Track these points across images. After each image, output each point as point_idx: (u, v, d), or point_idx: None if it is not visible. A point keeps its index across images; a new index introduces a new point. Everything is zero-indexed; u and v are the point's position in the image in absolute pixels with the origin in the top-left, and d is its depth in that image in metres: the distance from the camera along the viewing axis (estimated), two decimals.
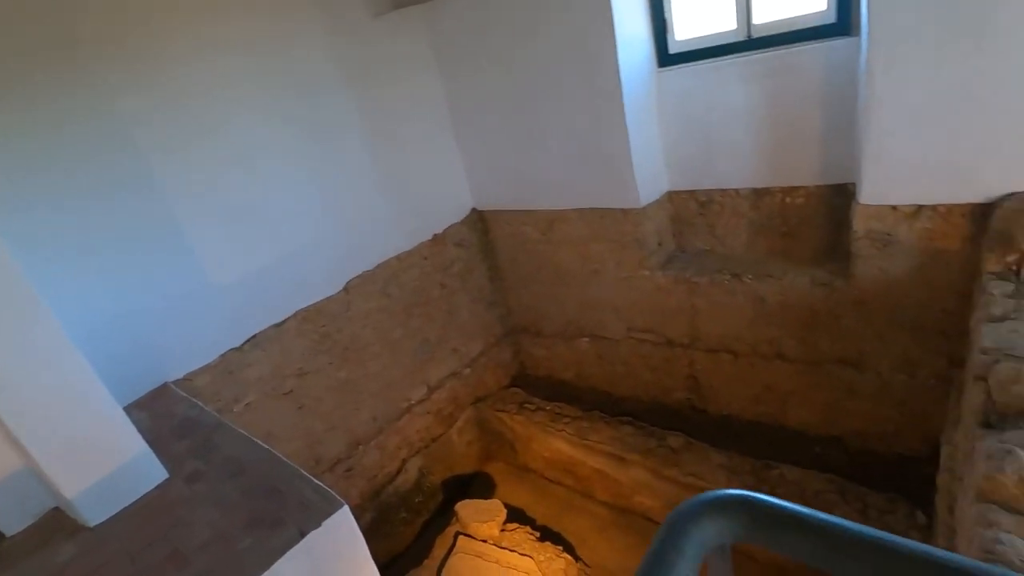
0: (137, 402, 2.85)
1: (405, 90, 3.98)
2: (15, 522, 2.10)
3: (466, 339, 4.69)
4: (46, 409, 1.90)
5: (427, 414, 4.42)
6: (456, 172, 4.50)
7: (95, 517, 2.04)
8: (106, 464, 2.04)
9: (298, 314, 3.55)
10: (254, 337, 3.36)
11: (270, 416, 3.47)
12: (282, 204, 3.40)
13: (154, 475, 2.19)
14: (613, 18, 3.26)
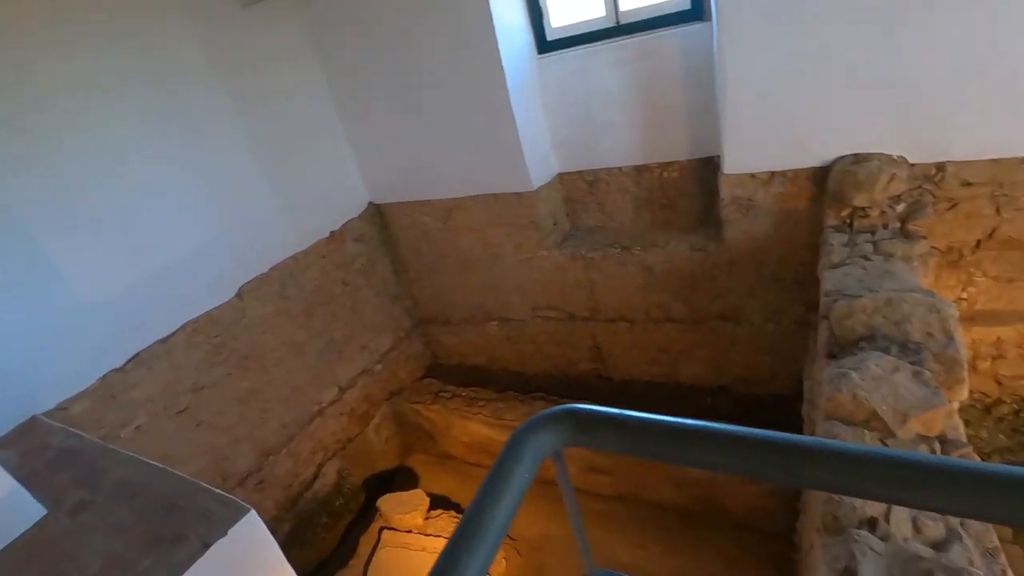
0: (0, 440, 2.56)
1: (285, 83, 3.83)
2: None
3: (374, 335, 4.63)
4: None
5: (341, 415, 4.33)
6: (349, 167, 4.40)
7: None
8: None
9: (187, 326, 3.34)
10: (138, 355, 3.13)
11: (165, 437, 3.26)
12: (156, 209, 3.17)
13: (29, 513, 2.00)
14: (491, 7, 3.34)
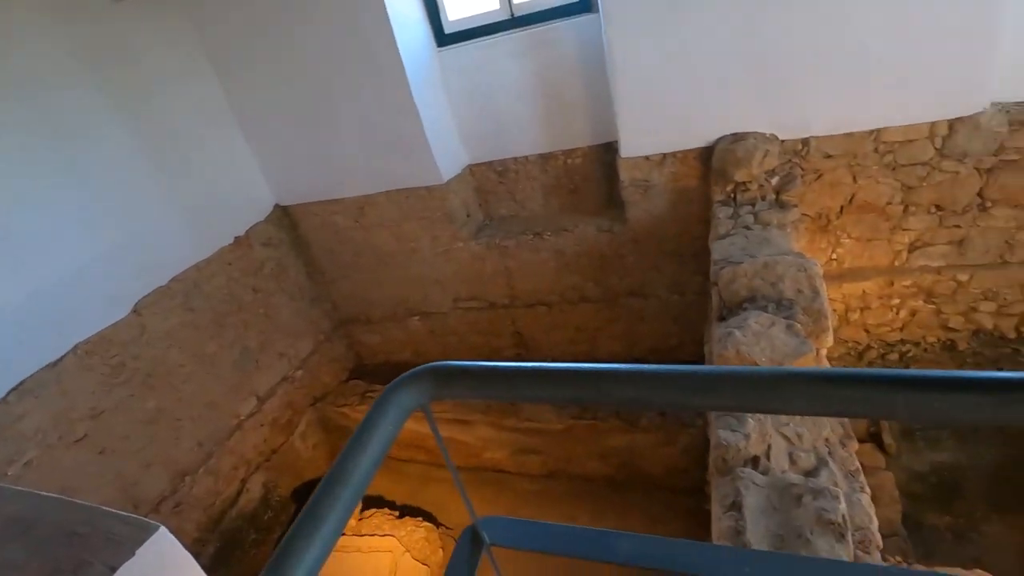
0: None
1: (172, 82, 3.60)
2: None
3: (293, 340, 4.49)
4: None
5: (262, 426, 4.18)
6: (250, 169, 4.22)
7: None
8: None
9: (78, 348, 3.10)
10: (22, 384, 2.87)
11: (62, 470, 3.02)
12: (32, 224, 2.91)
13: None
14: (385, 2, 3.31)
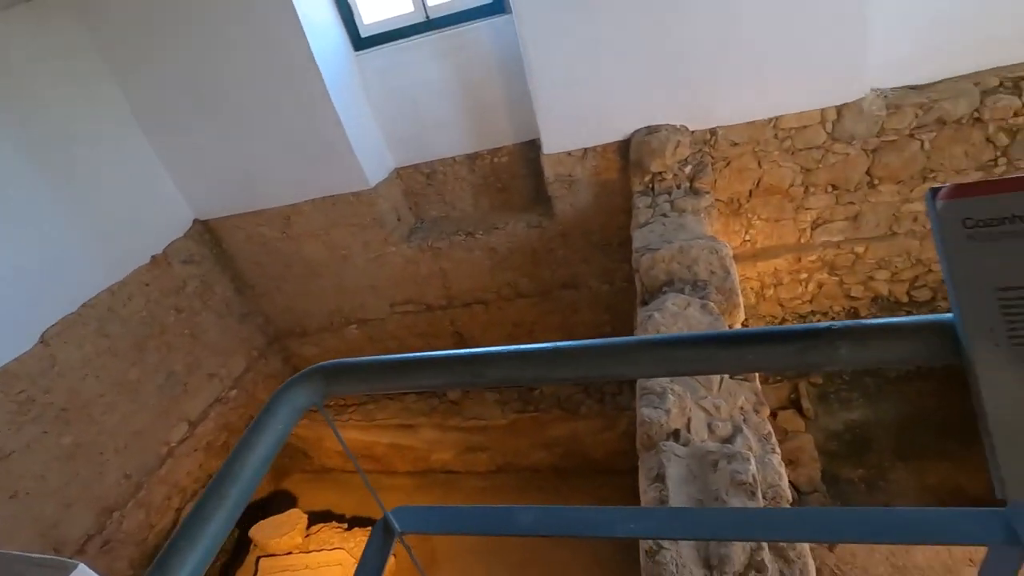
0: None
1: (68, 94, 3.38)
2: None
3: (223, 359, 4.32)
4: None
5: (195, 451, 4.00)
6: (163, 183, 4.02)
7: None
8: None
9: None
10: None
11: None
12: None
13: None
14: (295, 6, 3.25)
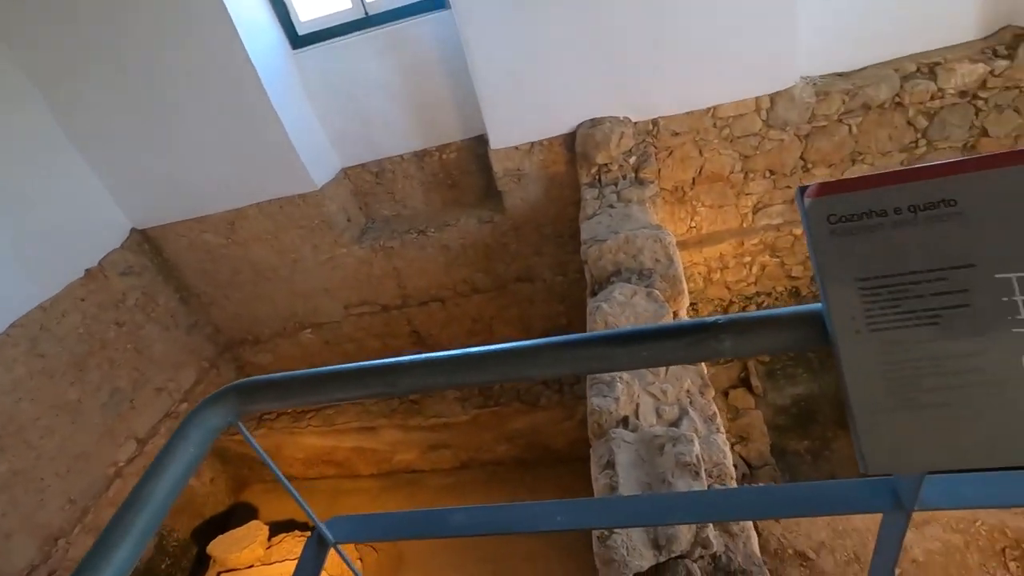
0: None
1: None
2: None
3: (172, 373, 4.16)
4: None
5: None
6: (95, 193, 3.83)
7: None
8: None
9: None
10: None
11: None
12: None
13: None
14: (226, 5, 3.14)
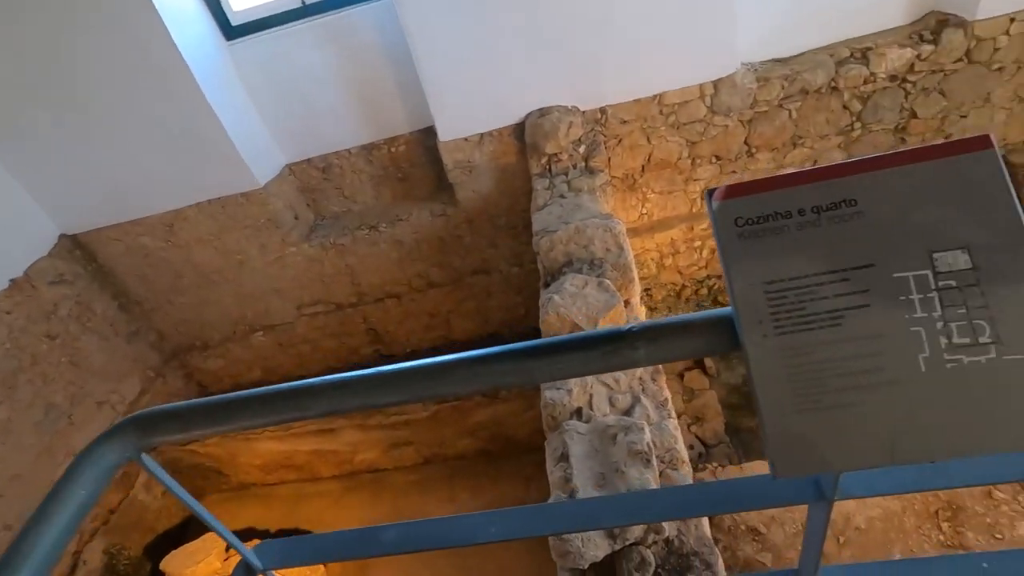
0: None
1: None
2: None
3: (114, 384, 3.96)
4: None
5: None
6: (16, 198, 3.58)
7: None
8: None
9: None
10: None
11: None
12: None
13: None
14: None
